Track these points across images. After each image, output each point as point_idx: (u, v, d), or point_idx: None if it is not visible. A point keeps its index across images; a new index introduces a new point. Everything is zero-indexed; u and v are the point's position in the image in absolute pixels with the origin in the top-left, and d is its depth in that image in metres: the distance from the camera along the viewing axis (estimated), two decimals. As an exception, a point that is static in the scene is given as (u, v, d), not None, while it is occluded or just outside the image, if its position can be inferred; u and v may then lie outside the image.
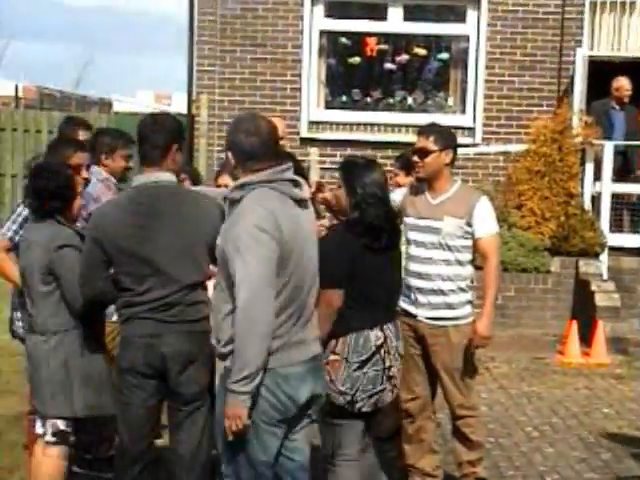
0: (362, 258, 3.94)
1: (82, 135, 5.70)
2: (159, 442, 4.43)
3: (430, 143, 4.35)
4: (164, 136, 3.75)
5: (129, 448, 3.79)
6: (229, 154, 3.46)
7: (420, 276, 4.38)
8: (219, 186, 4.58)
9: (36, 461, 4.19)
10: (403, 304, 4.41)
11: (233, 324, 3.25)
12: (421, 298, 4.38)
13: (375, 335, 3.95)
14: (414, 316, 4.42)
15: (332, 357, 3.92)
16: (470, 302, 4.44)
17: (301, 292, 3.38)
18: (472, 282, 4.47)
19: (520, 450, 5.50)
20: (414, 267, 4.40)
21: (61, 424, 4.07)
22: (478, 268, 4.50)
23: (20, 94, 27.09)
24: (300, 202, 3.45)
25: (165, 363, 3.69)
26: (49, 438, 4.08)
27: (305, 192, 3.50)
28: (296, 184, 3.46)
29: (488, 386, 6.81)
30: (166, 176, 3.75)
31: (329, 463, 4.08)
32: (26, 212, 4.54)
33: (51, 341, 4.04)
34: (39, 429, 4.12)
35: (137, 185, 3.79)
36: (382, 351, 3.96)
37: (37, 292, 4.04)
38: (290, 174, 3.45)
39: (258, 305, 3.21)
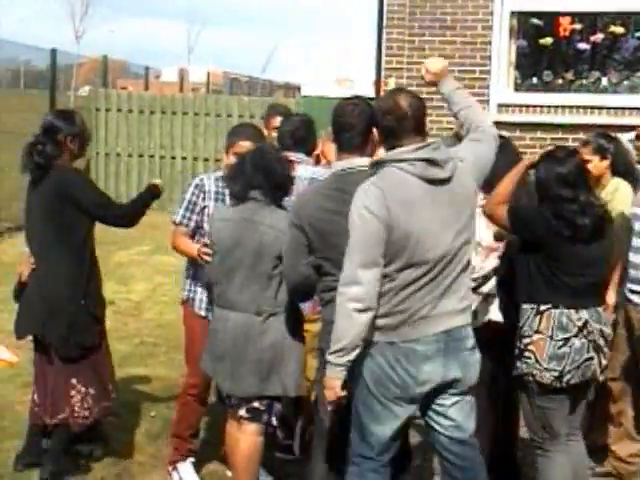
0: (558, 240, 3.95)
1: (278, 122, 5.84)
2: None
3: None
4: (366, 122, 3.77)
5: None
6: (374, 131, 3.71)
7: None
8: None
9: (233, 438, 4.33)
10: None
11: None
12: None
13: (577, 316, 3.92)
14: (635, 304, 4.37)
15: (536, 337, 3.92)
16: None
17: (431, 269, 3.44)
18: None
19: None
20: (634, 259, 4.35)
21: (255, 402, 4.20)
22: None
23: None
24: (437, 182, 3.45)
25: None
26: (243, 413, 4.24)
27: (446, 171, 3.49)
28: (434, 163, 3.43)
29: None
30: (363, 161, 3.78)
31: (539, 448, 4.08)
32: (193, 196, 4.74)
33: (269, 321, 4.15)
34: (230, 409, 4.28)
35: (336, 171, 3.84)
36: (586, 330, 3.94)
37: (262, 273, 4.15)
38: (424, 153, 3.46)
39: (353, 284, 3.40)
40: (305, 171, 5.01)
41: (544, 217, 3.98)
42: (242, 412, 4.24)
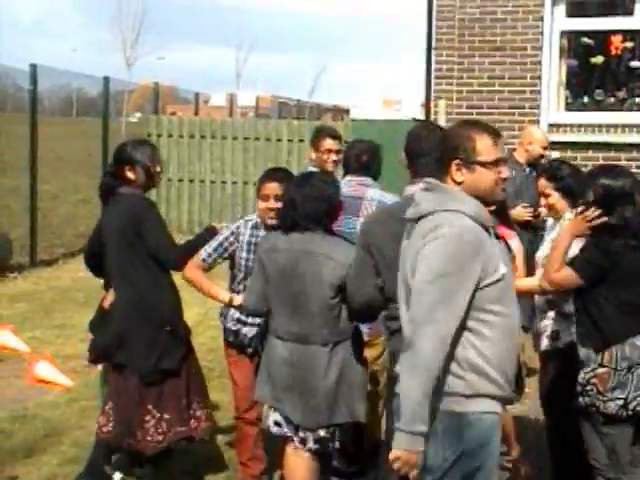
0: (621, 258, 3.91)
1: (331, 144, 5.86)
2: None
3: None
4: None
5: None
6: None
7: None
8: None
9: (293, 463, 4.27)
10: None
11: None
12: None
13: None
14: None
15: (600, 370, 3.88)
16: None
17: None
18: None
19: None
20: None
21: (322, 431, 4.14)
22: None
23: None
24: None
25: None
26: (311, 445, 4.16)
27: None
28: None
29: None
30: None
31: (602, 476, 4.03)
32: (226, 241, 4.76)
33: (335, 350, 4.11)
34: (294, 436, 4.21)
35: (408, 195, 3.81)
36: None
37: (323, 303, 4.08)
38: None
39: None
40: (374, 193, 5.09)
41: (607, 246, 3.96)
42: (310, 444, 4.19)
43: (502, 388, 3.13)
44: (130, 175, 4.82)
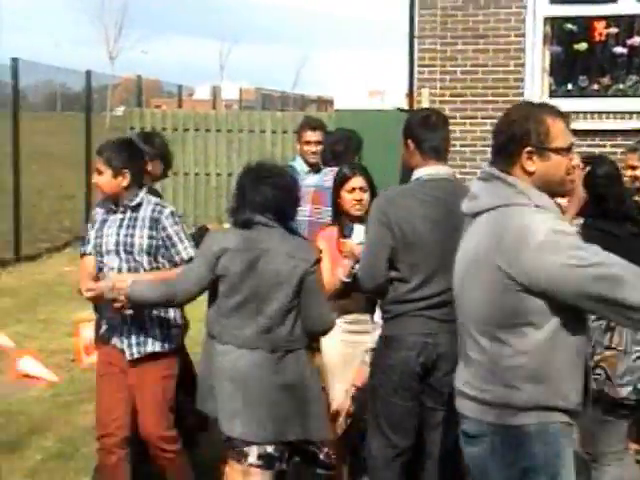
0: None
1: (310, 136, 5.84)
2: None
3: None
4: (447, 130, 3.89)
5: (396, 444, 3.81)
6: None
7: None
8: None
9: None
10: None
11: None
12: None
13: None
14: None
15: (608, 352, 3.82)
16: None
17: None
18: None
19: None
20: None
21: (269, 447, 3.74)
22: None
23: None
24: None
25: (436, 363, 3.66)
26: (253, 460, 3.74)
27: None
28: None
29: None
30: (446, 169, 3.83)
31: (596, 462, 4.01)
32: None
33: (285, 359, 3.76)
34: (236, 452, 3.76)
35: (423, 177, 3.80)
36: None
37: (279, 306, 3.74)
38: None
39: None
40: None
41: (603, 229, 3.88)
42: (252, 459, 3.73)
43: (566, 399, 2.80)
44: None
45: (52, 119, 24.11)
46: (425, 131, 3.84)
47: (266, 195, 3.77)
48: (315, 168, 5.77)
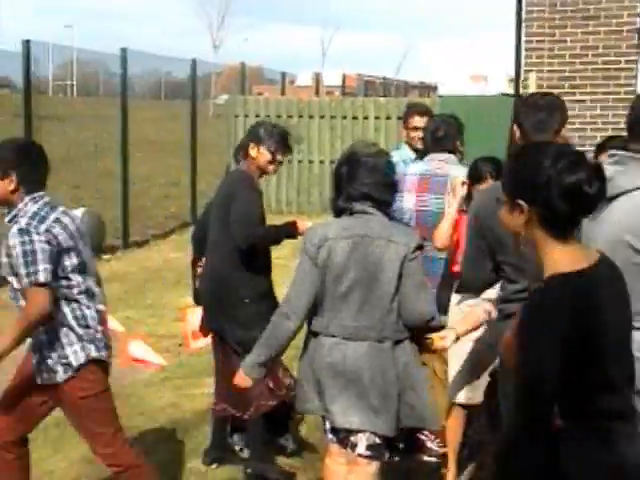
0: None
1: (418, 121, 5.76)
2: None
3: None
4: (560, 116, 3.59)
5: None
6: None
7: None
8: None
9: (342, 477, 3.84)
10: None
11: None
12: None
13: None
14: None
15: None
16: None
17: None
18: None
19: None
20: None
21: (378, 438, 3.72)
22: None
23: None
24: None
25: None
26: (362, 451, 3.73)
27: None
28: None
29: None
30: None
31: None
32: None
33: (394, 349, 3.72)
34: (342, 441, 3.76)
35: None
36: None
37: (383, 294, 3.67)
38: None
39: None
40: (457, 171, 4.96)
41: None
42: (361, 449, 3.72)
43: None
44: (251, 152, 4.91)
45: (157, 107, 24.61)
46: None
47: (362, 182, 3.71)
48: (421, 154, 5.70)
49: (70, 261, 3.81)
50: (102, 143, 14.66)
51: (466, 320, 3.82)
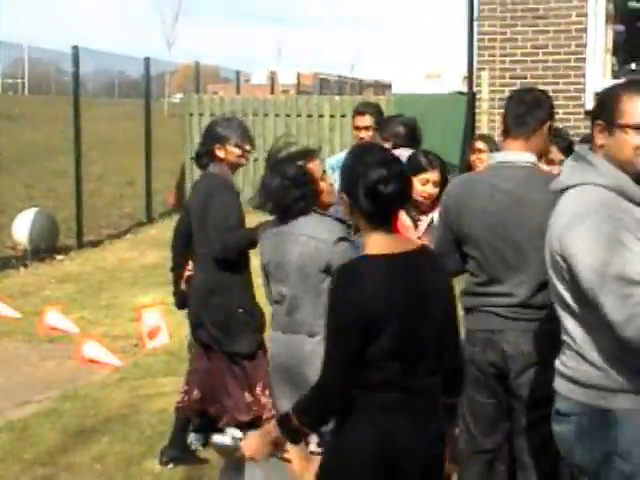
0: None
1: (359, 121, 5.72)
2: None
3: None
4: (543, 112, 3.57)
5: (479, 442, 3.68)
6: None
7: None
8: None
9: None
10: None
11: None
12: None
13: None
14: None
15: None
16: None
17: None
18: None
19: None
20: None
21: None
22: None
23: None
24: None
25: (506, 362, 3.49)
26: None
27: None
28: None
29: None
30: (527, 157, 3.51)
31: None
32: None
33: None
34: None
35: (494, 164, 3.59)
36: None
37: (309, 289, 3.71)
38: None
39: None
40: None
41: None
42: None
43: None
44: (219, 154, 4.86)
45: (111, 106, 24.41)
46: None
47: (268, 185, 3.75)
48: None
49: None
50: (55, 142, 14.51)
51: None
